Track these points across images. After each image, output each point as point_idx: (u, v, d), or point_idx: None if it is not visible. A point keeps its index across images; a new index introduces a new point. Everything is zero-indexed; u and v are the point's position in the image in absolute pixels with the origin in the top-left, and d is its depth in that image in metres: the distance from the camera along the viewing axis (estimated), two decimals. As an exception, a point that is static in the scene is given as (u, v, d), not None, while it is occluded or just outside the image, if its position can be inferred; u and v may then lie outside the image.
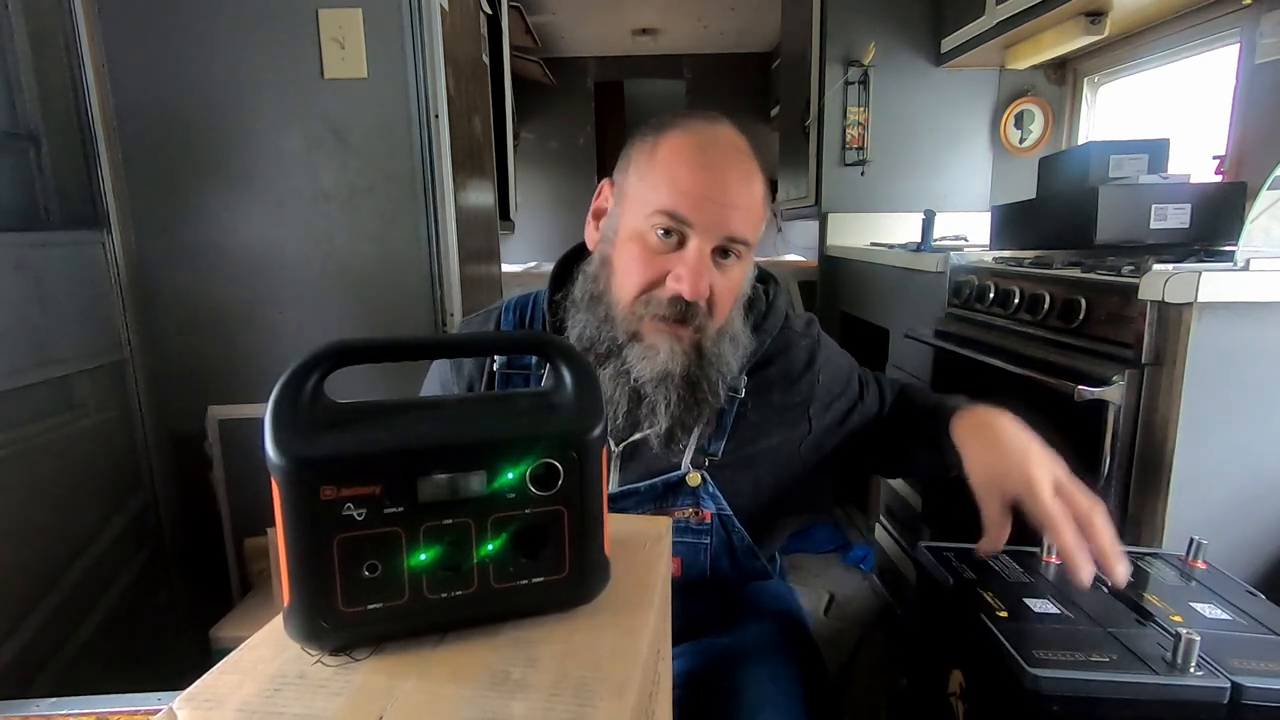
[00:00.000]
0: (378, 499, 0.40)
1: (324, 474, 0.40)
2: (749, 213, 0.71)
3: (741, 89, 4.71)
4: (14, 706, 0.91)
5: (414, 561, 0.41)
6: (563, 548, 0.44)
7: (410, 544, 0.41)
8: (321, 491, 0.40)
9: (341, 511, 0.40)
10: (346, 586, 0.40)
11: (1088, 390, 0.99)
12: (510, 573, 0.43)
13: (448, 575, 0.42)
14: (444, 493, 0.41)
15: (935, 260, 1.59)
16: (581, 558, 0.44)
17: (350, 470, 0.40)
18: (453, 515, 0.41)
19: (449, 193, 1.60)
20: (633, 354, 0.72)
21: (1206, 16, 1.68)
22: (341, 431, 0.42)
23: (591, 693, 0.33)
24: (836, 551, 2.22)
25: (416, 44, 1.51)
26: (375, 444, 0.41)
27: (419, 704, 0.32)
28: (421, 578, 0.41)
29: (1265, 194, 0.99)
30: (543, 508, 0.43)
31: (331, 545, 0.40)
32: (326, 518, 0.40)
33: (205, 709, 0.32)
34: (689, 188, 0.68)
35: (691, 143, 0.70)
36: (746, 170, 0.72)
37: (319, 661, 0.35)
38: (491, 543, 0.42)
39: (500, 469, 0.42)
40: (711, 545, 0.81)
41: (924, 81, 2.42)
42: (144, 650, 1.47)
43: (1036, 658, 0.68)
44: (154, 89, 1.47)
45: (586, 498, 0.43)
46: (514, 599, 0.43)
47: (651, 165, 0.71)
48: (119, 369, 1.48)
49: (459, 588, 0.42)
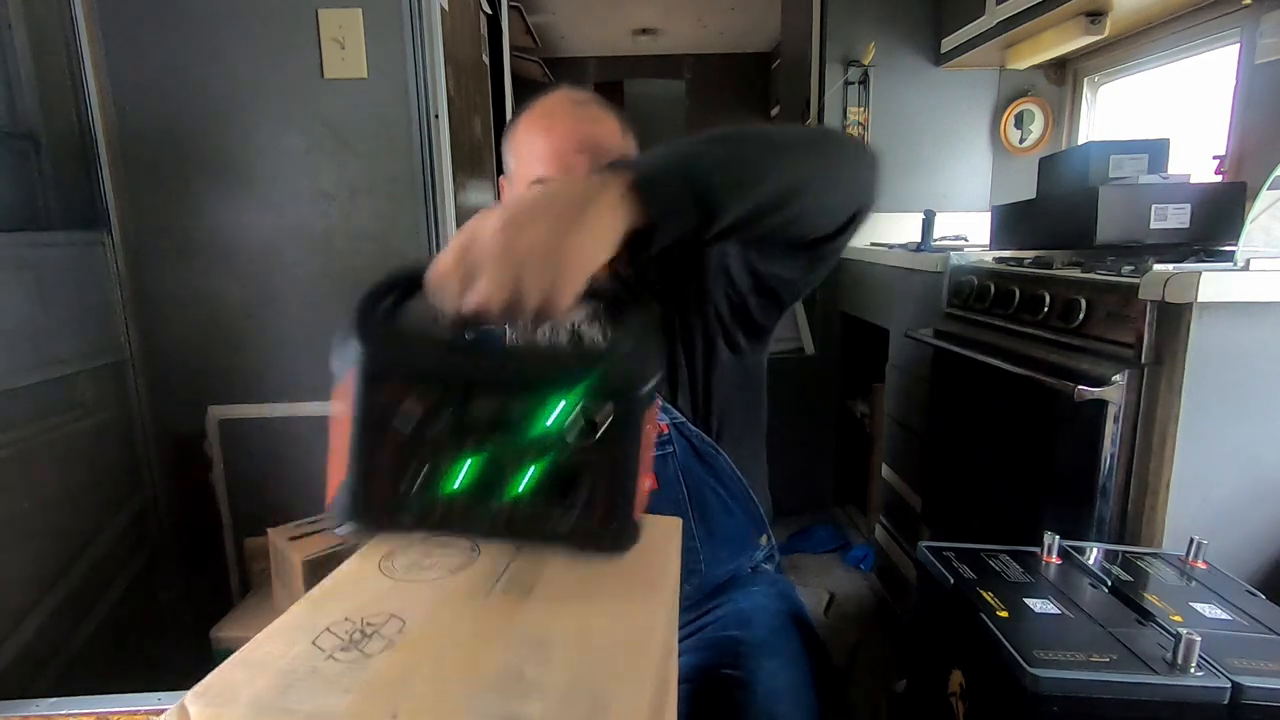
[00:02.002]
0: (431, 409, 0.44)
1: (387, 375, 0.44)
2: (610, 138, 0.80)
3: (741, 89, 4.71)
4: (14, 706, 0.91)
5: (453, 472, 0.44)
6: (594, 493, 0.45)
7: (452, 455, 0.44)
8: (383, 390, 0.44)
9: (396, 412, 0.44)
10: (390, 480, 0.44)
11: (1087, 390, 0.99)
12: (541, 504, 0.45)
13: (482, 491, 0.45)
14: (490, 416, 0.44)
15: (935, 260, 1.59)
16: (611, 508, 0.45)
17: (410, 377, 0.44)
18: (495, 438, 0.44)
19: (449, 193, 1.60)
20: None
21: (1206, 16, 1.68)
22: (411, 344, 0.46)
23: (607, 691, 0.33)
24: (836, 551, 2.22)
25: (416, 44, 1.51)
26: (438, 360, 0.46)
27: (432, 702, 0.32)
28: (458, 487, 0.45)
29: (1265, 194, 0.99)
30: (580, 451, 0.45)
31: (383, 441, 0.44)
32: (383, 414, 0.44)
33: (217, 704, 0.32)
34: (544, 150, 0.78)
35: (533, 115, 0.80)
36: (584, 110, 0.80)
37: (330, 657, 0.35)
38: (526, 472, 0.45)
39: (545, 407, 0.44)
40: (675, 454, 0.86)
41: (924, 81, 2.42)
42: (144, 650, 1.47)
43: (1037, 658, 0.68)
44: (154, 89, 1.47)
45: (625, 450, 0.45)
46: (540, 528, 0.45)
47: (515, 148, 0.82)
48: (119, 369, 1.48)
49: (491, 504, 0.45)
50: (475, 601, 0.42)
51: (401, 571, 0.46)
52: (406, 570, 0.46)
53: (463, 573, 0.45)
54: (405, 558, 0.47)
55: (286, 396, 1.59)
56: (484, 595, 0.43)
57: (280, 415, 1.60)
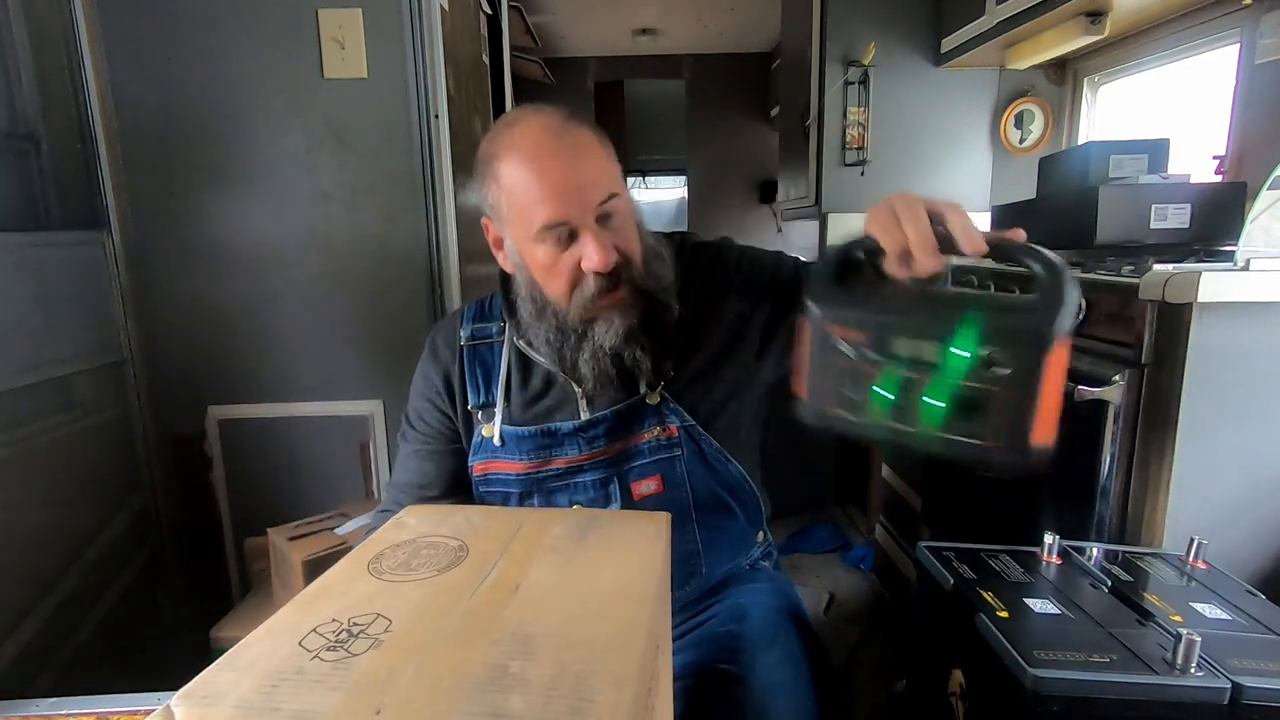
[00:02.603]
0: (864, 344, 0.61)
1: (833, 319, 0.63)
2: (600, 173, 0.77)
3: (741, 89, 4.70)
4: (14, 706, 0.91)
5: (875, 394, 0.60)
6: (995, 422, 0.55)
7: (878, 380, 0.60)
8: (828, 328, 0.63)
9: (839, 345, 0.62)
10: (832, 392, 0.63)
11: (1088, 390, 0.99)
12: (948, 426, 0.57)
13: (899, 412, 0.59)
14: (908, 351, 0.59)
15: (935, 260, 1.59)
16: (1011, 437, 0.55)
17: (849, 320, 0.62)
18: (912, 370, 0.59)
19: (449, 193, 1.60)
20: (597, 334, 0.80)
21: (1206, 16, 1.68)
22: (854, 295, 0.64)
23: (590, 686, 0.33)
24: (836, 551, 2.22)
25: (416, 44, 1.51)
26: (870, 306, 0.62)
27: (417, 698, 0.32)
28: (883, 405, 0.60)
29: (1265, 194, 0.99)
30: (985, 383, 0.56)
31: (829, 364, 0.63)
32: (830, 346, 0.63)
33: (202, 706, 0.32)
34: (544, 196, 0.74)
35: (518, 157, 0.76)
36: (574, 143, 0.77)
37: (316, 657, 0.35)
38: (935, 398, 0.58)
39: (957, 346, 0.56)
40: (684, 457, 0.87)
41: (924, 81, 2.42)
42: (144, 650, 1.47)
43: (1037, 658, 0.68)
44: (154, 89, 1.47)
45: (1027, 385, 0.54)
46: (946, 447, 0.58)
47: (506, 195, 0.78)
48: (119, 369, 1.49)
49: (905, 423, 0.59)
50: (461, 600, 0.42)
51: (389, 572, 0.46)
52: (395, 571, 0.46)
53: (450, 572, 0.45)
54: (394, 558, 0.47)
55: (286, 396, 1.59)
56: (470, 594, 0.43)
57: (280, 415, 1.60)
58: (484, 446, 0.88)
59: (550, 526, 0.52)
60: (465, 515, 0.54)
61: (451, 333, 0.93)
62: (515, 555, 0.48)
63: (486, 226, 0.85)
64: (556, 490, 0.86)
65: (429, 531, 0.51)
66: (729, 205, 4.80)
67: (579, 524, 0.52)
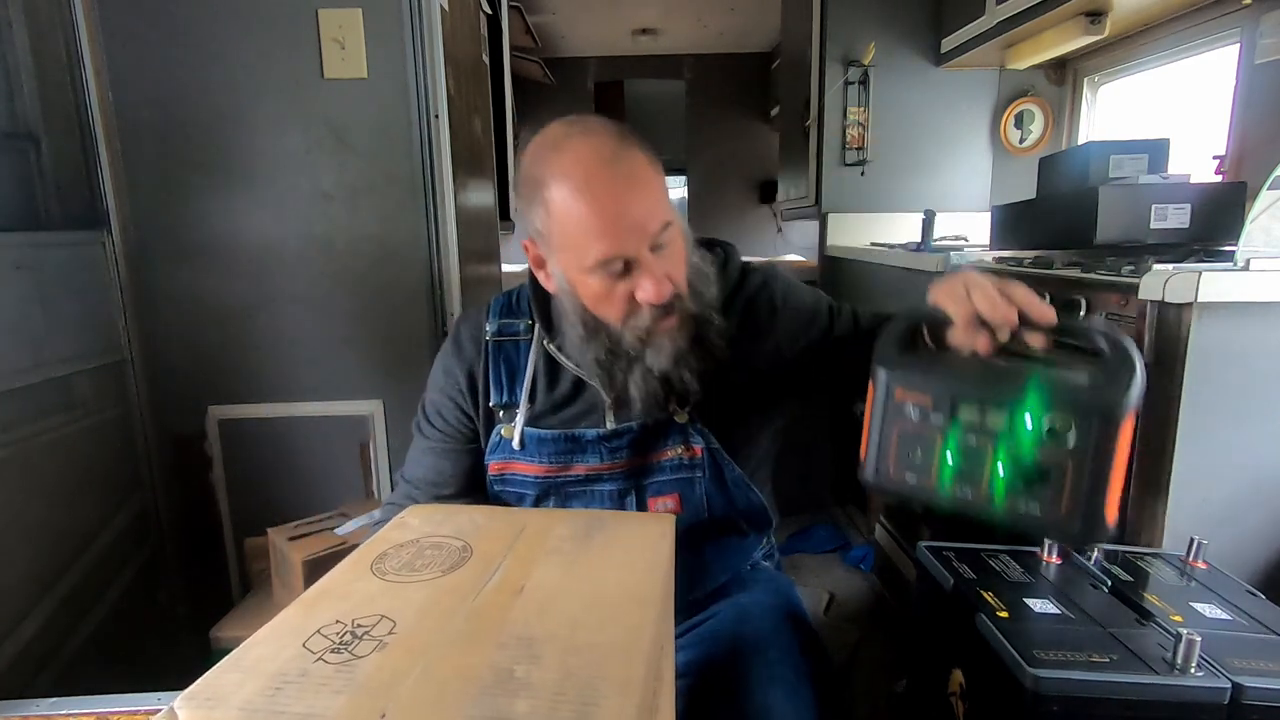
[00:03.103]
0: (928, 408, 0.62)
1: (900, 382, 0.64)
2: (656, 203, 0.74)
3: (741, 89, 4.70)
4: (14, 706, 0.91)
5: (942, 458, 0.61)
6: (1063, 492, 0.55)
7: (943, 445, 0.61)
8: (895, 392, 0.64)
9: (904, 409, 0.63)
10: (896, 456, 0.63)
11: (1088, 390, 0.99)
12: (1014, 495, 0.57)
13: (966, 477, 0.60)
14: (975, 418, 0.59)
15: (935, 260, 1.59)
16: (1079, 507, 0.55)
17: (915, 385, 0.63)
18: (978, 435, 0.59)
19: (449, 193, 1.59)
20: (648, 358, 0.79)
21: (1206, 16, 1.68)
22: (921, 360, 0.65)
23: (596, 690, 0.33)
24: (836, 551, 2.21)
25: (416, 44, 1.51)
26: (935, 374, 0.63)
27: (422, 702, 0.32)
28: (946, 471, 0.60)
29: (1265, 194, 0.99)
30: (1051, 454, 0.56)
31: (894, 428, 0.64)
32: (895, 410, 0.64)
33: (206, 708, 0.32)
34: (599, 232, 0.72)
35: (572, 190, 0.72)
36: (629, 171, 0.73)
37: (320, 659, 0.35)
38: (1003, 465, 0.58)
39: (1022, 414, 0.57)
40: (705, 479, 0.86)
41: (924, 81, 2.42)
42: (144, 650, 1.47)
43: (1037, 658, 0.68)
44: (154, 89, 1.47)
45: (1098, 459, 0.54)
46: (1013, 517, 0.58)
47: (557, 225, 0.74)
48: (119, 369, 1.48)
49: (971, 489, 0.59)
50: (466, 602, 0.42)
51: (393, 573, 0.46)
52: (398, 571, 0.46)
53: (454, 574, 0.45)
54: (397, 559, 0.47)
55: (286, 396, 1.59)
56: (474, 596, 0.43)
57: (280, 415, 1.60)
58: (502, 446, 0.87)
59: (554, 527, 0.51)
60: (469, 515, 0.54)
61: (477, 327, 0.91)
62: (520, 556, 0.47)
63: (527, 248, 0.82)
64: (574, 495, 0.86)
65: (432, 532, 0.51)
66: (729, 205, 4.80)
67: (583, 525, 0.52)
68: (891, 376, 0.64)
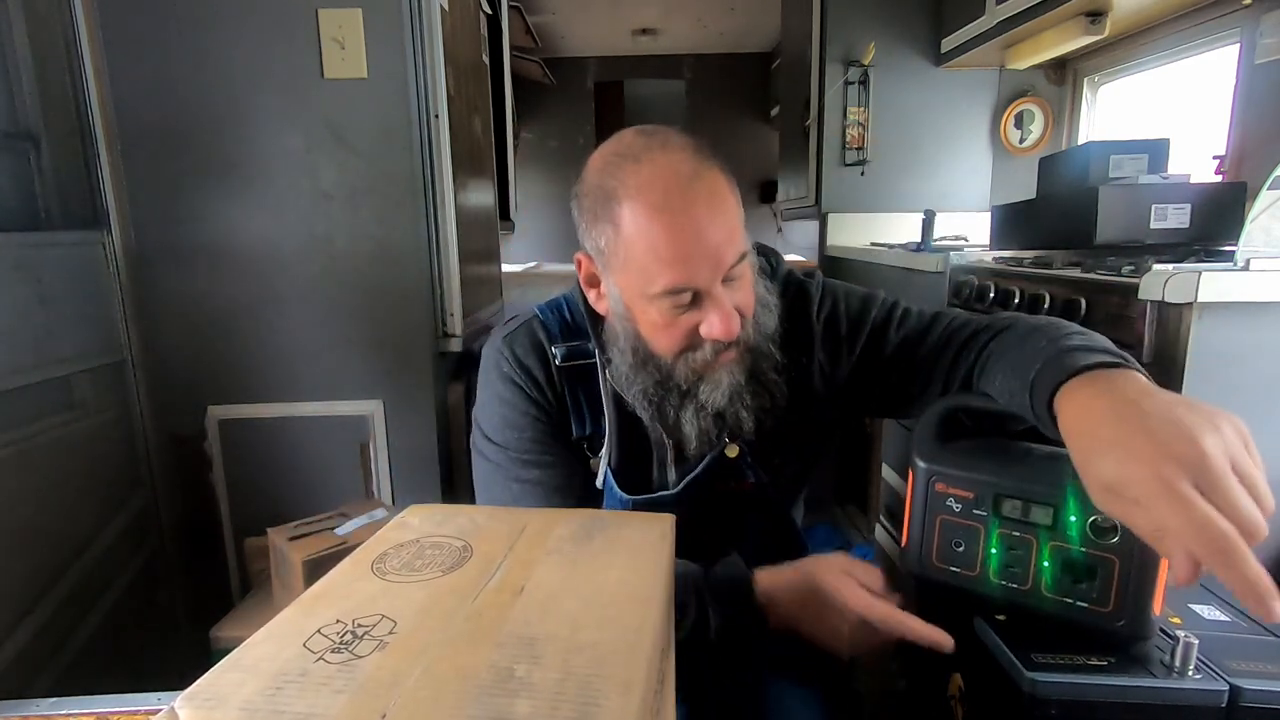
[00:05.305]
0: (970, 501, 0.63)
1: (940, 477, 0.65)
2: (732, 233, 0.69)
3: (741, 89, 4.71)
4: (14, 706, 0.91)
5: (986, 551, 0.62)
6: (1110, 589, 0.57)
7: (986, 539, 0.62)
8: (935, 485, 0.65)
9: (946, 501, 0.64)
10: (940, 548, 0.65)
11: (1088, 390, 0.98)
12: (1061, 589, 0.59)
13: (1011, 570, 0.61)
14: (1017, 513, 0.60)
15: (935, 260, 1.59)
16: (1127, 604, 0.57)
17: (956, 480, 0.64)
18: (1021, 531, 0.60)
19: (449, 193, 1.60)
20: (702, 393, 0.75)
21: (1206, 16, 1.68)
22: (961, 451, 0.66)
23: (597, 691, 0.33)
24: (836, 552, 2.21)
25: (416, 44, 1.51)
26: (977, 468, 0.63)
27: (422, 702, 0.32)
28: (990, 564, 0.62)
29: (1265, 194, 0.99)
30: (1098, 552, 0.57)
31: (936, 520, 0.65)
32: (937, 502, 0.65)
33: (207, 708, 0.32)
34: (671, 259, 0.66)
35: (647, 210, 0.67)
36: (709, 193, 0.68)
37: (321, 659, 0.35)
38: (1048, 561, 0.59)
39: (1066, 512, 0.58)
40: (755, 518, 0.85)
41: (924, 81, 2.42)
42: (144, 650, 1.47)
43: (1034, 661, 0.68)
44: (154, 89, 1.47)
45: (1143, 557, 0.55)
46: (1062, 609, 0.59)
47: (624, 246, 0.69)
48: (119, 369, 1.48)
49: (1016, 582, 0.61)
50: (466, 602, 0.42)
51: (393, 573, 0.46)
52: (399, 571, 0.46)
53: (454, 573, 0.45)
54: (398, 559, 0.47)
55: (286, 396, 1.59)
56: (475, 595, 0.43)
57: (280, 415, 1.60)
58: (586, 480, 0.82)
59: (555, 527, 0.52)
60: (469, 515, 0.54)
61: (540, 351, 0.81)
62: (520, 556, 0.47)
63: (580, 262, 0.76)
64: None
65: (432, 531, 0.51)
66: (729, 205, 4.80)
67: (584, 525, 0.52)
68: (931, 469, 0.65)
